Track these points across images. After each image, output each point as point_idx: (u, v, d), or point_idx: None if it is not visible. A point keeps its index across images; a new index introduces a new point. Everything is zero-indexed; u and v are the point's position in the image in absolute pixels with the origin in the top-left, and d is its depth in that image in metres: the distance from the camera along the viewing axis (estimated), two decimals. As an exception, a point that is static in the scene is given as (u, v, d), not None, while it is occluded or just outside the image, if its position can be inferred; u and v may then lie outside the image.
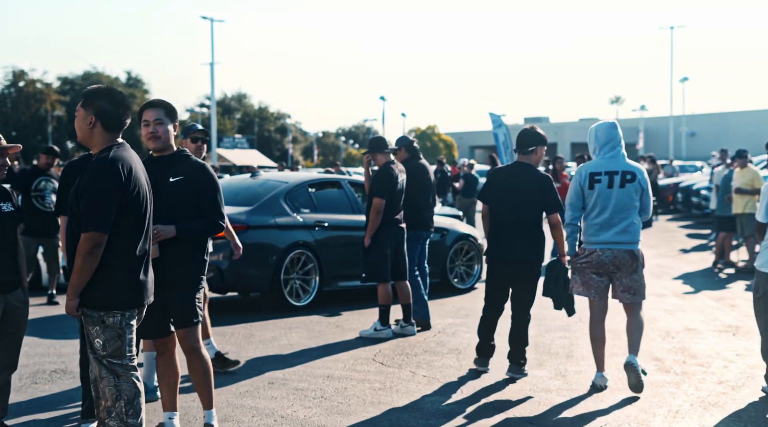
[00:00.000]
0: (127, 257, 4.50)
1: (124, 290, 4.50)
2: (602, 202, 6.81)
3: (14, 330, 5.42)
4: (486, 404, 6.53)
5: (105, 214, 4.38)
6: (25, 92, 65.06)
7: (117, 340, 4.49)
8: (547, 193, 7.29)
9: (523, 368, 7.32)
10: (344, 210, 11.52)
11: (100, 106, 4.55)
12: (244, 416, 6.11)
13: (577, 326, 9.48)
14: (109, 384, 4.49)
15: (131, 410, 4.51)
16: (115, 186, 4.41)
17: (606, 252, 6.81)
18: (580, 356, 8.05)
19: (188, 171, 5.32)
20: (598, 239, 6.84)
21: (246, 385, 6.98)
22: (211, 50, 51.11)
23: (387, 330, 9.06)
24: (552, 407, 6.43)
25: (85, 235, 4.36)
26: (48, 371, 7.32)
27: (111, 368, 4.49)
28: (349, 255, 11.01)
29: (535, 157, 7.39)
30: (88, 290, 4.44)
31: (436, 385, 7.07)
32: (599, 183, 6.82)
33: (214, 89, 53.61)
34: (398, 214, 9.11)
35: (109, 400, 4.50)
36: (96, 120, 4.55)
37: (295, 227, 10.78)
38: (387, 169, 9.05)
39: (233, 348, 8.39)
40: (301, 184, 11.36)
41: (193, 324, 5.32)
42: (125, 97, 4.73)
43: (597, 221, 6.84)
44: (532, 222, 7.27)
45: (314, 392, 6.79)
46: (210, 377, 5.43)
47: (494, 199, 7.39)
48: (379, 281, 9.10)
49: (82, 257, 4.37)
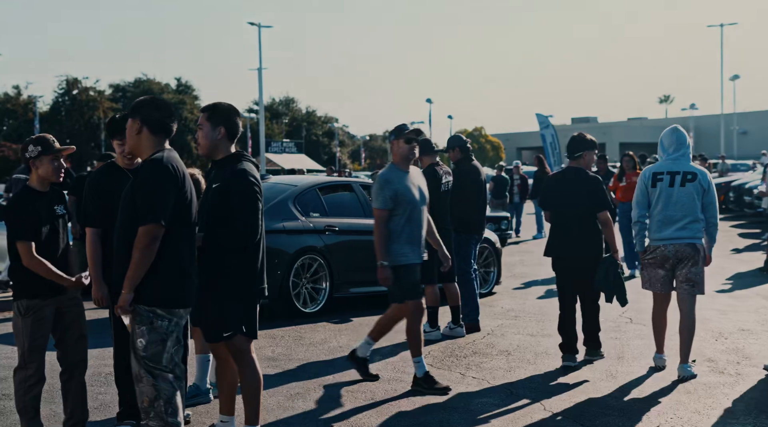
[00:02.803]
0: (178, 256, 4.62)
1: (175, 288, 4.60)
2: (664, 199, 7.23)
3: (73, 330, 5.53)
4: (536, 405, 6.51)
5: (163, 206, 4.50)
6: (78, 100, 66.12)
7: (158, 344, 4.58)
8: (596, 193, 7.73)
9: (600, 351, 7.90)
10: (356, 214, 11.19)
11: (145, 112, 4.74)
12: (295, 419, 6.17)
13: (627, 327, 9.40)
14: (148, 384, 4.58)
15: (170, 408, 4.58)
16: (171, 182, 4.56)
17: (669, 247, 7.22)
18: (631, 358, 7.99)
19: (226, 178, 5.18)
20: (661, 235, 7.24)
21: (297, 387, 7.04)
22: (258, 56, 51.49)
23: (436, 332, 9.06)
24: (603, 409, 6.39)
25: (142, 228, 4.48)
26: (103, 374, 7.45)
27: (149, 369, 4.59)
28: (362, 260, 10.64)
29: (584, 161, 7.90)
30: (143, 285, 4.53)
31: (486, 386, 7.06)
32: (661, 182, 7.26)
33: (262, 94, 54.04)
34: (443, 215, 9.07)
35: (147, 400, 4.58)
36: (142, 125, 4.71)
37: (304, 232, 10.47)
38: (431, 170, 9.05)
39: (283, 350, 8.47)
40: (310, 187, 11.03)
41: (223, 338, 5.21)
42: (169, 103, 4.91)
43: (659, 217, 7.26)
44: (587, 222, 7.72)
45: (364, 394, 6.82)
46: (254, 390, 5.28)
47: (552, 204, 7.97)
48: (425, 283, 9.09)
49: (140, 251, 4.48)
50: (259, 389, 5.32)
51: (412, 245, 6.89)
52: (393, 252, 6.81)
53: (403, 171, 6.98)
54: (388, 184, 6.85)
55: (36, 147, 5.37)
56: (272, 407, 6.40)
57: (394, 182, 6.85)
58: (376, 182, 6.95)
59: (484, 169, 9.74)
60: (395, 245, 6.82)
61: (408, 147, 6.95)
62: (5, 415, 6.30)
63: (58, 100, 67.14)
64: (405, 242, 6.85)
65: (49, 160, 5.38)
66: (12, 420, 6.15)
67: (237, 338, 5.22)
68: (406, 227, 6.85)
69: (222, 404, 5.56)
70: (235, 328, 5.19)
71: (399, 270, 6.83)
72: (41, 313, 5.35)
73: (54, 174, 5.40)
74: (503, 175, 22.71)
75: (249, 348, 5.28)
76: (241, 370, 5.30)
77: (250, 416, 5.31)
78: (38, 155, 5.37)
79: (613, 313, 9.92)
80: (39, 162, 5.38)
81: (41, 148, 5.37)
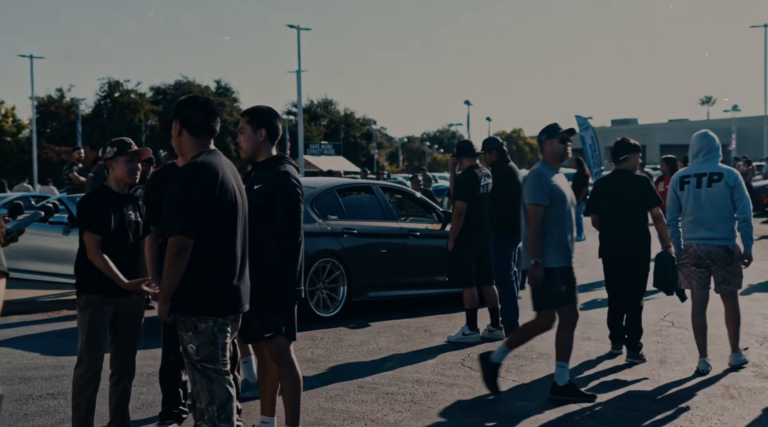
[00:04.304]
0: (218, 262, 4.53)
1: (215, 296, 4.52)
2: (693, 201, 7.37)
3: (127, 336, 5.56)
4: (576, 410, 6.45)
5: (190, 218, 4.43)
6: (120, 103, 67.01)
7: (210, 345, 4.53)
8: (646, 191, 8.07)
9: (641, 354, 7.90)
10: (376, 216, 10.95)
11: (184, 113, 4.69)
12: (335, 420, 6.18)
13: (669, 331, 9.30)
14: (203, 388, 4.55)
15: (223, 414, 4.56)
16: (200, 191, 4.45)
17: (701, 247, 7.35)
18: (673, 362, 7.90)
19: (268, 180, 5.21)
20: (693, 235, 7.40)
21: (336, 389, 7.05)
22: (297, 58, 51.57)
23: (475, 334, 9.03)
24: (645, 414, 6.32)
25: (171, 239, 4.44)
26: (145, 374, 7.51)
27: (204, 373, 4.54)
28: (381, 264, 10.58)
29: (629, 163, 8.09)
30: (180, 295, 4.49)
31: (526, 390, 7.02)
32: (688, 184, 7.42)
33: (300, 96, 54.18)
34: (482, 218, 9.04)
35: (203, 403, 4.56)
36: (182, 127, 4.67)
37: (321, 234, 10.17)
38: (470, 172, 9.02)
39: (323, 352, 8.49)
40: (328, 189, 10.72)
41: (264, 339, 5.23)
42: (210, 102, 4.78)
43: (690, 219, 7.41)
44: (636, 222, 7.95)
45: (404, 397, 6.81)
46: (294, 391, 5.27)
47: (601, 207, 8.14)
48: (463, 286, 9.08)
49: (169, 261, 4.45)
50: (299, 390, 5.32)
51: (563, 247, 6.61)
52: (543, 254, 6.52)
53: (555, 170, 6.76)
54: (544, 179, 6.60)
55: (113, 148, 5.52)
56: (312, 408, 6.41)
57: (550, 178, 6.64)
58: (530, 177, 6.68)
59: (521, 171, 9.68)
60: (545, 246, 6.53)
61: (563, 146, 6.75)
62: (49, 414, 6.39)
63: (100, 102, 68.06)
64: (555, 243, 6.56)
65: (123, 162, 5.48)
66: (57, 418, 6.23)
67: (277, 340, 5.23)
68: (557, 227, 6.58)
69: (263, 404, 5.59)
70: (275, 329, 5.20)
71: (550, 273, 6.52)
72: (99, 309, 5.42)
73: (128, 175, 5.50)
74: None
75: (289, 349, 5.29)
76: (281, 371, 5.31)
77: (290, 417, 5.31)
78: (114, 156, 5.50)
79: (654, 316, 9.83)
80: (114, 163, 5.50)
81: (116, 149, 5.50)
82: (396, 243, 10.91)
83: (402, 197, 12.75)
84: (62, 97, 67.11)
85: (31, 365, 7.93)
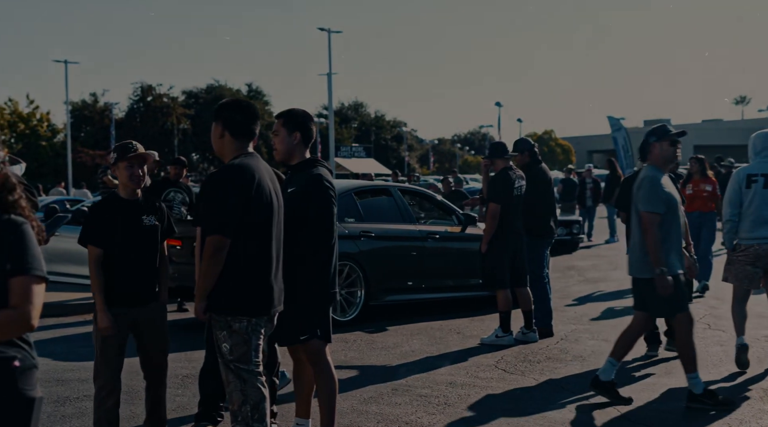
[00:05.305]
0: (253, 262, 4.58)
1: (251, 295, 4.57)
2: (758, 200, 7.39)
3: (151, 342, 5.38)
4: (612, 411, 6.40)
5: (225, 217, 4.47)
6: (152, 107, 67.59)
7: (243, 345, 4.57)
8: None
9: None
10: (394, 219, 10.82)
11: (226, 116, 4.72)
12: (369, 423, 6.18)
13: (705, 333, 9.20)
14: (236, 389, 4.58)
15: (257, 414, 4.58)
16: (234, 191, 4.49)
17: (763, 246, 7.38)
18: (710, 364, 7.81)
19: (301, 182, 5.20)
20: (754, 234, 7.41)
21: (370, 391, 7.05)
22: (328, 61, 51.75)
23: (508, 337, 8.99)
24: (682, 417, 6.26)
25: (208, 238, 4.49)
26: (180, 376, 7.56)
27: (237, 373, 4.57)
28: (399, 267, 10.46)
29: None
30: (216, 294, 4.53)
31: (560, 392, 6.98)
32: (756, 183, 7.42)
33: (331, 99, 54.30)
34: (516, 219, 9.00)
35: (236, 404, 4.59)
36: (224, 129, 4.71)
37: (338, 237, 10.17)
38: (504, 174, 8.99)
39: (356, 354, 8.50)
40: (345, 192, 10.44)
41: (299, 342, 5.21)
42: (251, 106, 4.85)
43: (752, 217, 7.42)
44: None
45: (438, 399, 6.80)
46: (329, 393, 5.26)
47: (628, 207, 7.80)
48: (496, 288, 9.05)
49: (206, 260, 4.49)
50: (335, 392, 5.32)
51: (676, 253, 6.46)
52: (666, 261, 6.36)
53: (664, 173, 6.64)
54: (660, 186, 6.43)
55: (114, 154, 5.35)
56: (346, 410, 6.42)
57: (664, 185, 6.49)
58: (645, 184, 6.46)
59: (553, 172, 9.66)
60: (665, 253, 6.35)
61: (673, 149, 6.61)
62: (86, 415, 6.44)
63: (133, 106, 68.69)
64: (670, 250, 6.39)
65: (124, 167, 5.28)
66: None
67: (312, 342, 5.23)
68: (672, 233, 6.43)
69: (298, 407, 5.60)
70: (311, 331, 5.20)
71: (676, 279, 6.37)
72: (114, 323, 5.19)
73: (130, 180, 5.28)
74: (572, 178, 22.44)
75: (324, 352, 5.29)
76: (316, 374, 5.31)
77: (325, 419, 5.31)
78: (115, 162, 5.31)
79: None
80: (116, 169, 5.32)
81: (116, 155, 5.31)
82: (414, 246, 10.79)
83: (421, 199, 12.65)
84: (96, 101, 67.84)
85: (68, 367, 8.02)
